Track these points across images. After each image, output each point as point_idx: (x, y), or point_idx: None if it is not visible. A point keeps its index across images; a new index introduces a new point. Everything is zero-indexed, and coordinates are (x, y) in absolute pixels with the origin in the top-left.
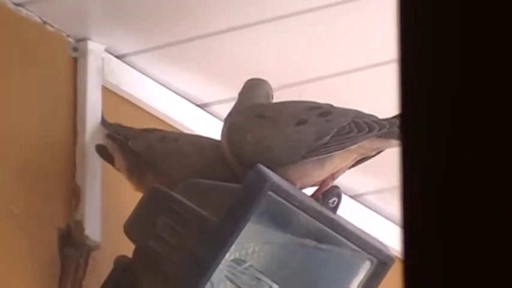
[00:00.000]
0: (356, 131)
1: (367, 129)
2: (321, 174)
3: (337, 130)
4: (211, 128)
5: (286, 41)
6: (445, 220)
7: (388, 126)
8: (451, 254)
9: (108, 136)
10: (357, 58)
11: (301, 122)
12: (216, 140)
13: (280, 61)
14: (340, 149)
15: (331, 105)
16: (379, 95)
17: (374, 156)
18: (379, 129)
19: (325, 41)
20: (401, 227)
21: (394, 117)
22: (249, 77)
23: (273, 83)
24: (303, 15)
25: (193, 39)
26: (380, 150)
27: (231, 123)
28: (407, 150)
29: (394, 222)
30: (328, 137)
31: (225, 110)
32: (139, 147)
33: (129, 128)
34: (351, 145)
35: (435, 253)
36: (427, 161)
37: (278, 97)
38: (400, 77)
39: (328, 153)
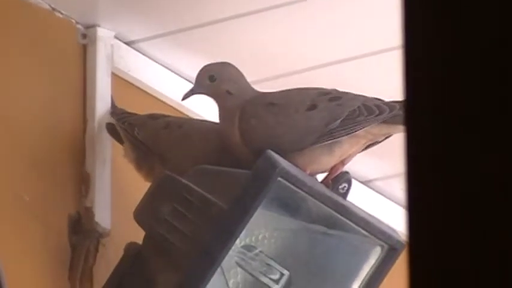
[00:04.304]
0: (366, 113)
1: (377, 112)
2: (330, 160)
3: (347, 114)
4: None
5: (293, 28)
6: (449, 205)
7: (398, 108)
8: (454, 238)
9: (116, 125)
10: (362, 44)
11: (311, 108)
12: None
13: (287, 48)
14: (351, 132)
15: (338, 91)
16: (384, 81)
17: (382, 141)
18: (390, 111)
19: (330, 27)
20: (406, 212)
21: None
22: (257, 63)
23: (280, 69)
24: (310, 2)
25: (203, 25)
26: (388, 135)
27: (242, 111)
28: (411, 137)
29: (404, 208)
30: (339, 120)
31: None
32: (145, 136)
33: (134, 114)
34: (361, 128)
35: (440, 236)
36: (430, 146)
37: (285, 84)
38: (404, 63)
39: (339, 137)
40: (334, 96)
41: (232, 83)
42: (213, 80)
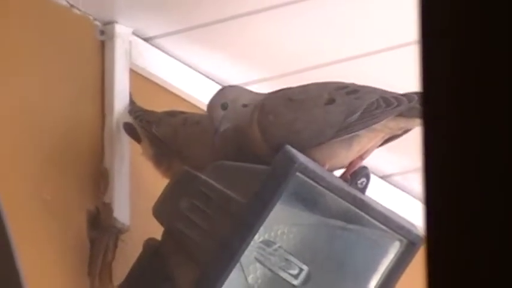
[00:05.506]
0: (384, 105)
1: (395, 103)
2: (348, 155)
3: (366, 107)
4: None
5: (310, 23)
6: (468, 200)
7: (417, 98)
8: (472, 232)
9: (134, 123)
10: (379, 39)
11: (329, 102)
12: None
13: (304, 43)
14: (370, 125)
15: (356, 84)
16: (401, 76)
17: (401, 135)
18: (409, 102)
19: (346, 23)
20: (424, 207)
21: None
22: (274, 59)
23: (298, 65)
24: None
25: (220, 21)
26: (406, 129)
27: (262, 107)
28: (428, 130)
29: (423, 202)
30: (358, 113)
31: None
32: (163, 133)
33: (151, 112)
34: (380, 121)
35: (456, 232)
36: (448, 140)
37: (303, 79)
38: (421, 59)
39: (357, 130)
40: (352, 90)
41: (242, 97)
42: (225, 107)
